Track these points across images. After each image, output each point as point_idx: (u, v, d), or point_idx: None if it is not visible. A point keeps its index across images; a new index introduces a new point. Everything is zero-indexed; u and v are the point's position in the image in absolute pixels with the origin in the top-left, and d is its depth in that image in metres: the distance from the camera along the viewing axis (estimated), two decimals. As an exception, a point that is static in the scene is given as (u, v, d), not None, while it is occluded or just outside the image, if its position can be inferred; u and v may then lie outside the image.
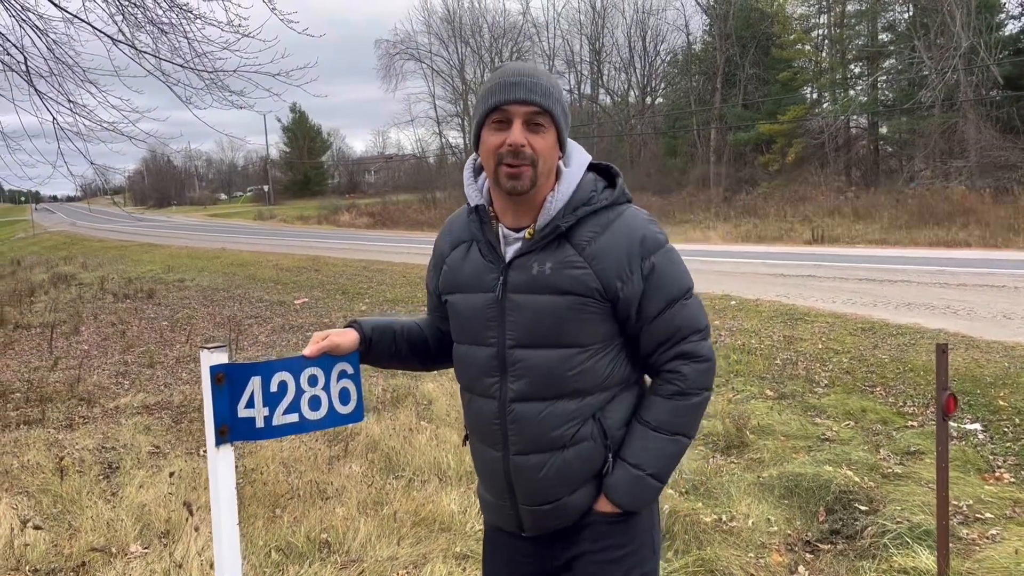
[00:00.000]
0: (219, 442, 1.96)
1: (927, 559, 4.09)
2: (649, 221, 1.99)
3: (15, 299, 18.63)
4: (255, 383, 1.98)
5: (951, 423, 6.55)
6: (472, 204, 2.04)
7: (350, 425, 9.38)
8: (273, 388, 2.00)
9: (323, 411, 2.07)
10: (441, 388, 8.56)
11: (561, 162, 1.99)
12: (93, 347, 13.08)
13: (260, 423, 1.99)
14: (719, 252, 20.65)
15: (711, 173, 39.84)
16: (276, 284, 19.45)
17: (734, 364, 8.81)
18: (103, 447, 7.18)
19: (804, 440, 6.54)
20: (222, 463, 1.97)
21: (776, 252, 20.30)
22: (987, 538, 4.43)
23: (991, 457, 5.75)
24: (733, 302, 12.14)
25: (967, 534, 4.52)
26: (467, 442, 2.24)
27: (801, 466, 5.77)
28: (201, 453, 7.09)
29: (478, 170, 2.09)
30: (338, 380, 2.09)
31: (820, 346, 9.30)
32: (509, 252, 1.99)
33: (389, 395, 8.91)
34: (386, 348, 2.19)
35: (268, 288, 18.77)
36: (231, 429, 1.97)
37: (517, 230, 1.99)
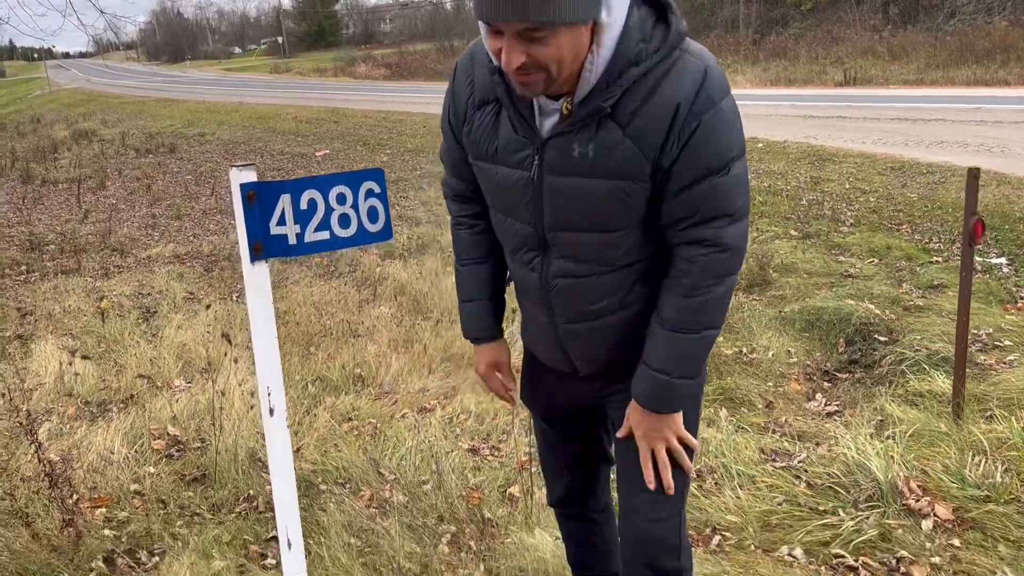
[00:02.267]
0: (254, 259, 2.01)
1: (943, 383, 4.19)
2: (704, 72, 1.59)
3: (39, 156, 18.71)
4: (285, 201, 2.00)
5: (977, 257, 6.54)
6: (494, 65, 1.66)
7: (378, 244, 9.54)
8: (303, 206, 2.02)
9: (353, 229, 2.10)
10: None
11: (603, 11, 1.54)
12: (120, 201, 13.23)
13: (292, 240, 2.03)
14: (747, 96, 20.06)
15: (740, 14, 38.15)
16: (296, 136, 19.31)
17: (759, 206, 8.77)
18: (139, 293, 7.40)
19: (827, 277, 6.58)
20: (258, 280, 2.02)
21: (806, 95, 19.70)
22: (1004, 363, 4.51)
23: (1014, 289, 5.77)
24: (760, 144, 11.92)
25: (984, 360, 4.61)
26: (510, 283, 2.14)
27: (823, 301, 5.84)
28: (234, 298, 7.30)
29: None
30: (366, 199, 2.10)
31: (847, 186, 9.18)
32: (546, 125, 1.69)
33: (415, 243, 9.02)
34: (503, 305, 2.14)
35: (289, 140, 18.65)
36: (264, 247, 2.01)
37: (554, 98, 1.65)
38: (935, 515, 2.98)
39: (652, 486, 1.81)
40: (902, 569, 2.73)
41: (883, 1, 34.30)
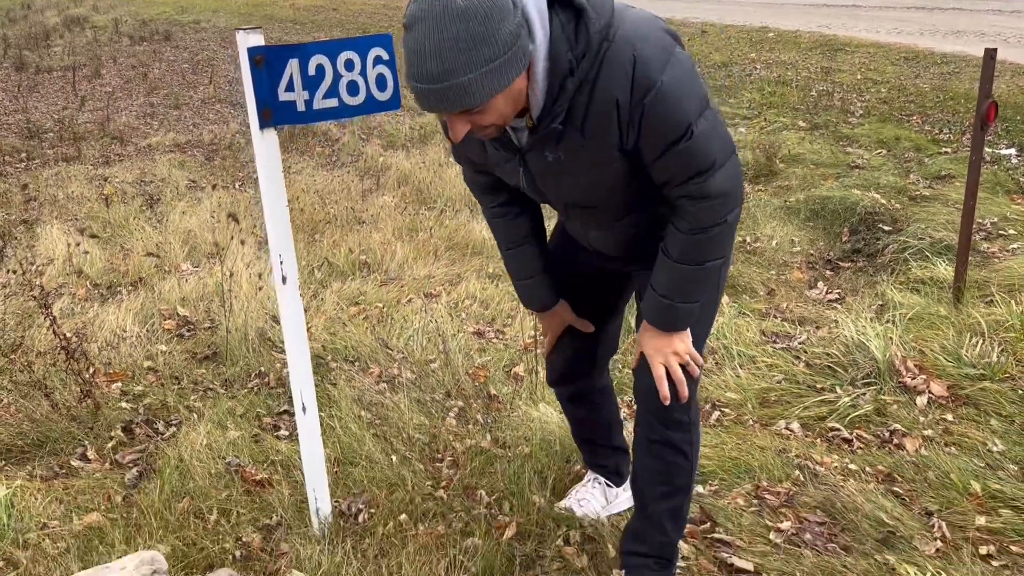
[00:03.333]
0: (263, 125, 2.00)
1: (945, 270, 4.22)
2: (631, 61, 1.61)
3: (32, 43, 18.24)
4: (293, 66, 1.98)
5: (986, 148, 6.47)
6: None
7: (384, 114, 9.36)
8: (311, 71, 2.00)
9: (361, 97, 2.08)
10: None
11: (528, 42, 1.56)
12: (117, 89, 12.98)
13: (301, 107, 2.01)
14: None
15: None
16: (295, 24, 18.80)
17: (768, 96, 8.61)
18: (142, 181, 7.36)
19: (834, 168, 6.53)
20: (268, 146, 2.02)
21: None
22: (1007, 251, 4.53)
23: (1022, 180, 5.73)
24: (771, 34, 11.61)
25: (987, 247, 4.62)
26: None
27: (829, 190, 5.82)
28: (237, 186, 7.27)
29: None
30: (374, 66, 2.08)
31: (859, 77, 9.00)
32: (521, 139, 1.79)
33: (417, 133, 8.91)
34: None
35: (287, 29, 18.15)
36: (273, 112, 2.00)
37: (520, 115, 1.72)
38: (930, 392, 3.06)
39: (667, 402, 1.92)
40: (895, 441, 2.82)
41: None
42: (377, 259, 5.31)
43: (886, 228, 5.21)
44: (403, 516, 2.49)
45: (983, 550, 2.25)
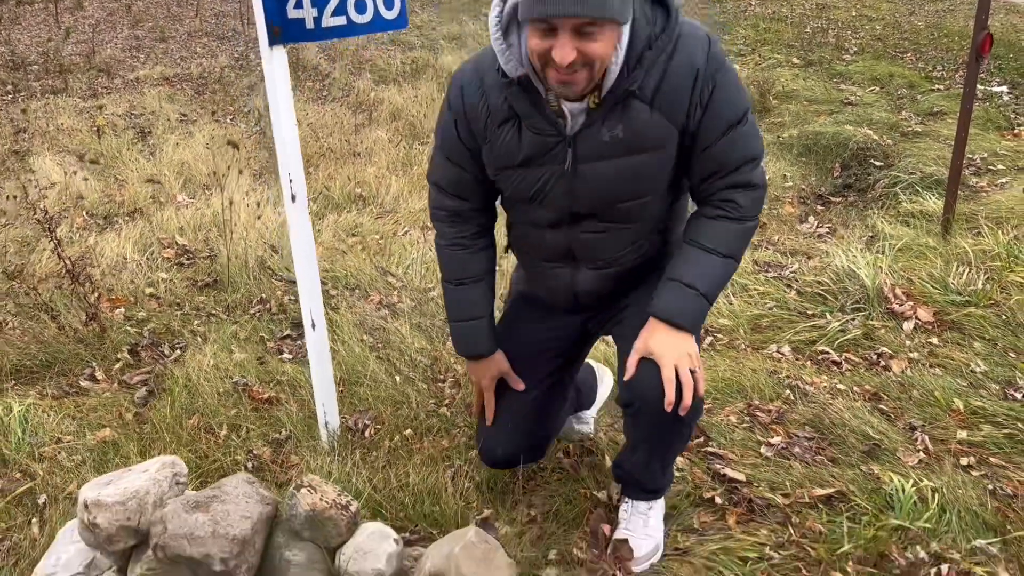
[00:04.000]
0: (272, 42, 2.01)
1: (935, 203, 4.29)
2: (707, 40, 1.74)
3: (10, -27, 17.77)
4: (301, -18, 1.99)
5: (979, 85, 6.49)
6: (513, 76, 1.73)
7: (376, 48, 9.23)
8: (319, -12, 2.01)
9: (369, 15, 2.10)
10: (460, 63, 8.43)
11: None
12: (100, 22, 12.73)
13: (310, 24, 2.03)
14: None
15: None
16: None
17: (762, 33, 8.56)
18: (131, 114, 7.30)
19: (827, 104, 6.55)
20: (277, 64, 2.04)
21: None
22: (996, 186, 4.60)
23: (1013, 116, 5.77)
24: (766, -30, 11.47)
25: (977, 182, 4.69)
26: (508, 251, 2.20)
27: (821, 126, 5.84)
28: (229, 120, 7.22)
29: (507, 24, 1.72)
30: (381, -16, 2.09)
31: (854, 13, 8.94)
32: (572, 124, 1.77)
33: (409, 67, 8.82)
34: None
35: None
36: (282, 30, 2.02)
37: (579, 100, 1.74)
38: (917, 318, 3.15)
39: (670, 408, 1.75)
40: (882, 363, 2.91)
41: None
42: (372, 192, 5.32)
43: (877, 163, 5.26)
44: (408, 431, 2.58)
45: (963, 461, 2.35)
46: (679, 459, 2.42)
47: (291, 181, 2.12)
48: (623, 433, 2.14)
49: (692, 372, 1.76)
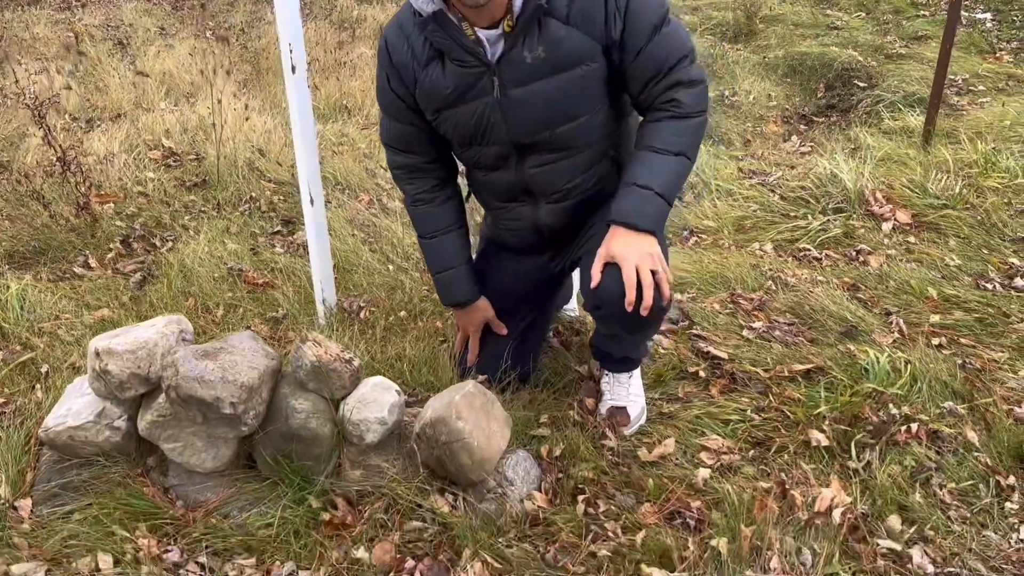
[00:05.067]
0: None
1: (916, 120, 4.35)
2: None
3: None
4: None
5: (963, 12, 6.51)
6: (427, 13, 1.79)
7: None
8: None
9: None
10: None
11: None
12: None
13: None
14: None
15: None
16: None
17: (750, -42, 8.49)
18: (108, 26, 7.14)
19: (813, 28, 6.55)
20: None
21: None
22: (976, 104, 4.67)
23: (995, 42, 5.82)
24: None
25: (958, 101, 4.76)
26: (470, 198, 2.24)
27: (807, 47, 5.87)
28: (208, 35, 7.10)
29: None
30: None
31: (842, -58, 8.87)
32: (495, 52, 1.81)
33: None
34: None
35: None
36: None
37: (492, 26, 1.79)
38: (896, 219, 3.24)
39: (631, 308, 1.74)
40: (860, 258, 3.01)
41: None
42: (358, 104, 5.30)
43: (861, 84, 5.31)
44: (403, 313, 2.64)
45: (935, 341, 2.46)
46: (664, 340, 2.51)
47: (291, 51, 2.14)
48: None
49: (655, 273, 1.75)
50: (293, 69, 2.17)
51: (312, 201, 2.33)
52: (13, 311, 2.63)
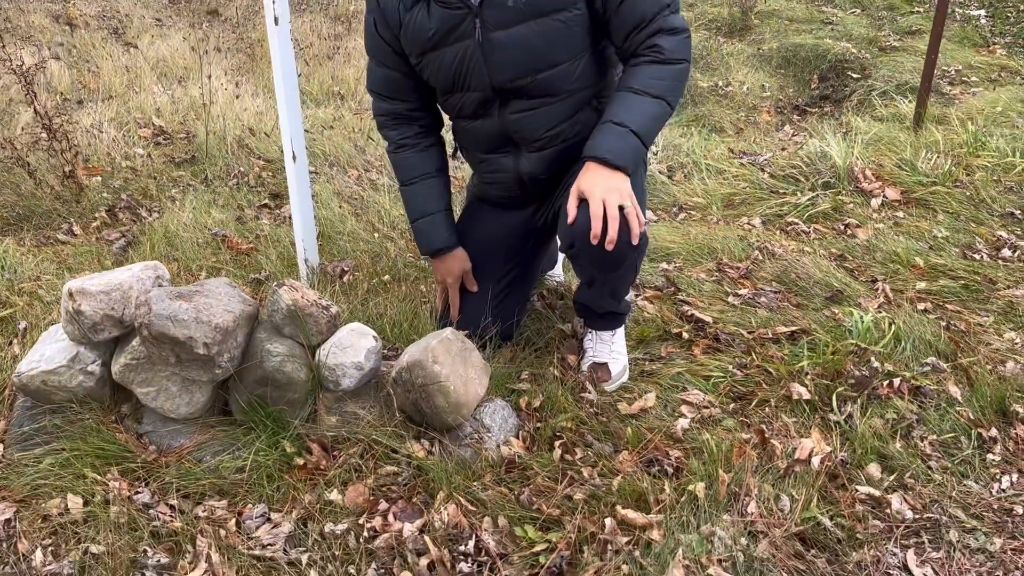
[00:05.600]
0: None
1: (908, 107, 4.36)
2: None
3: None
4: None
5: (957, 9, 6.54)
6: None
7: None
8: None
9: None
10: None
11: None
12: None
13: None
14: None
15: None
16: None
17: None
18: (104, 15, 7.15)
19: (808, 24, 6.56)
20: None
21: None
22: (968, 94, 4.67)
23: (989, 36, 5.84)
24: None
25: (950, 90, 4.76)
26: (457, 155, 2.25)
27: (801, 40, 5.88)
28: (204, 26, 7.11)
29: None
30: None
31: (838, -57, 8.91)
32: None
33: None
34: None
35: None
36: None
37: None
38: (884, 195, 3.23)
39: (596, 241, 1.74)
40: (848, 232, 3.00)
41: None
42: (351, 90, 5.30)
43: (855, 76, 5.31)
44: (387, 277, 2.63)
45: (920, 306, 2.45)
46: (649, 305, 2.49)
47: (274, 2, 2.13)
48: (575, 274, 2.19)
49: (623, 208, 1.74)
50: (276, 20, 2.16)
51: (295, 157, 2.32)
52: (-6, 271, 2.61)
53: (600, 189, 1.75)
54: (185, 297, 1.79)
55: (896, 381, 2.02)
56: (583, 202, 1.78)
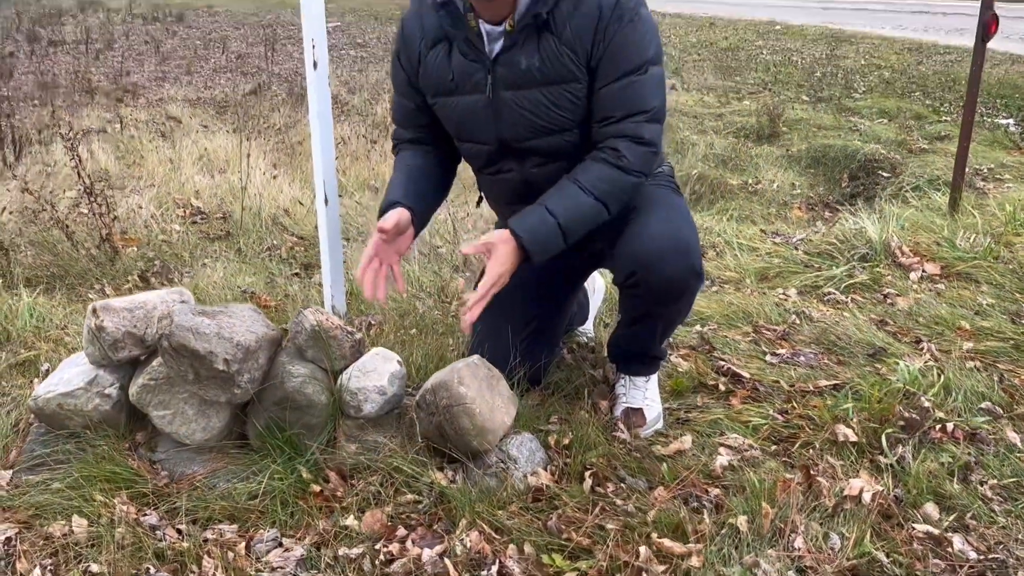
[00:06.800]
0: None
1: (941, 199, 4.33)
2: None
3: (45, 20, 18.43)
4: None
5: (985, 117, 6.61)
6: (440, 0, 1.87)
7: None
8: None
9: None
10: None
11: None
12: (129, 59, 13.14)
13: None
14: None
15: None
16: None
17: (773, 75, 8.77)
18: (154, 121, 7.48)
19: (836, 131, 6.67)
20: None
21: (830, 1, 19.35)
22: (1001, 190, 4.65)
23: (1019, 140, 5.87)
24: (777, 27, 11.81)
25: (983, 185, 4.74)
26: (481, 204, 2.31)
27: (830, 140, 5.95)
28: (246, 137, 7.40)
29: None
30: None
31: (862, 62, 9.16)
32: (494, 48, 1.87)
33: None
34: (427, 209, 2.08)
35: (300, 13, 18.36)
36: None
37: (496, 23, 1.85)
38: (923, 269, 3.16)
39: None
40: (888, 300, 2.91)
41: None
42: (384, 183, 5.40)
43: (885, 174, 5.33)
44: (413, 330, 2.58)
45: (969, 365, 2.34)
46: (683, 361, 2.41)
47: (314, 47, 2.19)
48: (619, 311, 2.13)
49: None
50: (315, 65, 2.22)
51: (327, 200, 2.33)
52: (22, 318, 2.61)
53: (505, 273, 1.80)
54: (209, 315, 1.75)
55: (949, 426, 1.90)
56: (653, 232, 1.84)
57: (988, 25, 3.66)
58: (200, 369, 1.70)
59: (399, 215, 1.91)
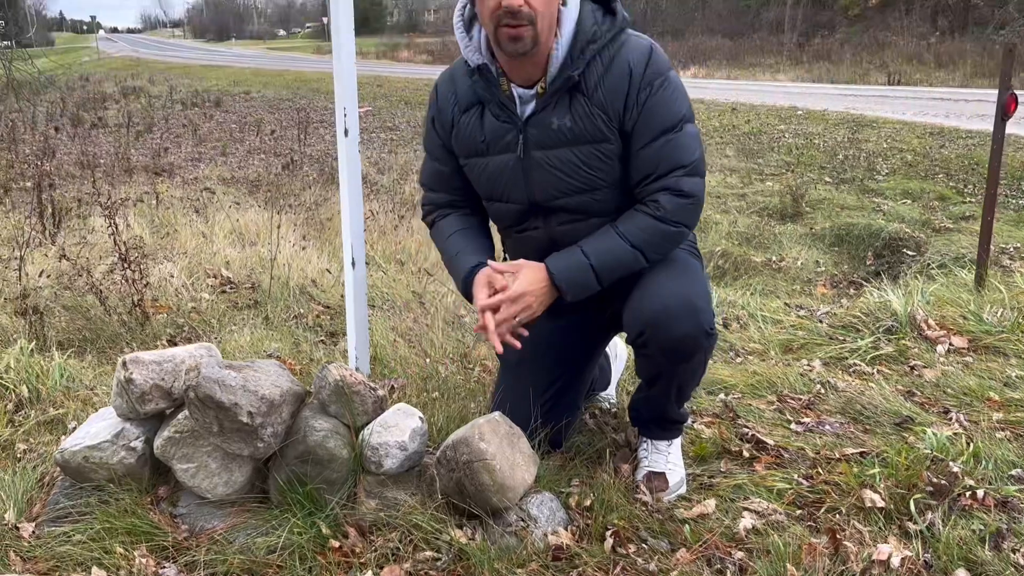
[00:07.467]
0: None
1: (966, 276, 4.31)
2: (650, 48, 1.89)
3: (88, 105, 19.20)
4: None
5: (1009, 199, 6.62)
6: (473, 64, 1.93)
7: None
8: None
9: None
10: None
11: (560, 4, 1.86)
12: (166, 141, 13.60)
13: None
14: (789, 85, 20.11)
15: (786, 16, 37.95)
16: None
17: (795, 155, 8.88)
18: (188, 197, 7.69)
19: (860, 210, 6.70)
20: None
21: (849, 88, 19.66)
22: (1028, 267, 4.63)
23: (1044, 220, 5.86)
24: (800, 112, 12.00)
25: (1009, 263, 4.72)
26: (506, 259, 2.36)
27: (854, 219, 5.98)
28: (277, 211, 7.58)
29: (468, 22, 1.95)
30: None
31: (884, 145, 9.26)
32: (525, 110, 1.92)
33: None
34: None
35: (333, 99, 18.97)
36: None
37: (528, 86, 1.91)
38: (951, 343, 3.13)
39: (499, 349, 1.87)
40: (915, 372, 2.88)
41: (933, 11, 33.94)
42: (411, 256, 5.50)
43: (910, 252, 5.33)
44: (436, 394, 2.59)
45: (999, 435, 2.29)
46: (706, 428, 2.39)
47: (345, 116, 2.27)
48: (636, 375, 2.13)
49: (502, 322, 1.85)
50: (346, 132, 2.29)
51: (354, 263, 2.37)
52: (53, 379, 2.66)
53: (523, 297, 1.87)
54: (235, 368, 1.78)
55: (980, 493, 1.86)
56: (662, 291, 1.87)
57: (1007, 104, 3.71)
58: (224, 421, 1.72)
59: (488, 276, 1.95)
